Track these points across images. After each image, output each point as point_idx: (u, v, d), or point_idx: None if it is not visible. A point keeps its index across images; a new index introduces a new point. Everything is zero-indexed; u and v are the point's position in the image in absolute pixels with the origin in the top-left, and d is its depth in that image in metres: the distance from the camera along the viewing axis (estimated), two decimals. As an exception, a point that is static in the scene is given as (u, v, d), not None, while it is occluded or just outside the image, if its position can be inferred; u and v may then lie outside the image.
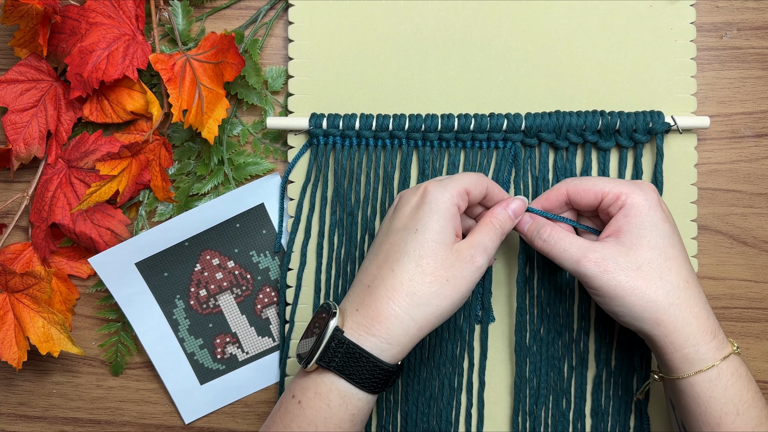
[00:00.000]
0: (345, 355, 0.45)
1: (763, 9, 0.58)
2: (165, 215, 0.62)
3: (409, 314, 0.45)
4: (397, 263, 0.46)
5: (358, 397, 0.46)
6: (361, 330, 0.45)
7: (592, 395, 0.58)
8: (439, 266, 0.46)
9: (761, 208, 0.59)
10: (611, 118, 0.55)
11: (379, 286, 0.46)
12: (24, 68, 0.59)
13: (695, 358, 0.45)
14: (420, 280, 0.45)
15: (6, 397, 0.65)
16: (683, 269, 0.47)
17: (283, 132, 0.60)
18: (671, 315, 0.45)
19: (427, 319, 0.46)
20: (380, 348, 0.45)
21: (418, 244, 0.46)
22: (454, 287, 0.46)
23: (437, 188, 0.48)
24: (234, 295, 0.62)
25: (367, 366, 0.45)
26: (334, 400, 0.45)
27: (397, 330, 0.45)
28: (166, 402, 0.64)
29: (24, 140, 0.59)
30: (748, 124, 0.58)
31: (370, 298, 0.46)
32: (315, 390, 0.46)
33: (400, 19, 0.58)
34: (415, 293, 0.45)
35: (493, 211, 0.50)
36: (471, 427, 0.58)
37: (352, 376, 0.45)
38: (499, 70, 0.58)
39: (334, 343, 0.45)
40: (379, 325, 0.45)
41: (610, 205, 0.48)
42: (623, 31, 0.57)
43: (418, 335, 0.46)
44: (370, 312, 0.45)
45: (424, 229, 0.46)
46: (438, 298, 0.45)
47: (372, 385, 0.45)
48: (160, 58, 0.56)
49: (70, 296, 0.63)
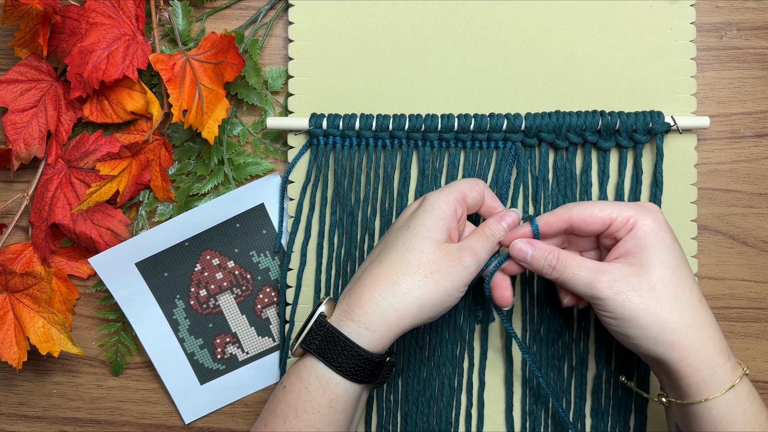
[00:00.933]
0: (324, 338, 0.46)
1: (763, 9, 0.58)
2: (165, 215, 0.62)
3: (388, 301, 0.46)
4: (386, 256, 0.48)
5: (335, 381, 0.46)
6: (343, 315, 0.47)
7: (592, 395, 0.58)
8: (424, 260, 0.47)
9: (761, 208, 0.59)
10: (611, 118, 0.55)
11: (366, 275, 0.48)
12: (24, 68, 0.59)
13: (712, 380, 0.44)
14: (404, 271, 0.46)
15: (6, 397, 0.65)
16: (695, 289, 0.46)
17: (283, 132, 0.60)
18: (687, 336, 0.44)
19: (407, 309, 0.46)
20: (358, 333, 0.46)
21: (408, 239, 0.48)
22: (437, 282, 0.46)
23: (436, 193, 0.49)
24: (234, 295, 0.62)
25: (345, 350, 0.46)
26: (313, 383, 0.47)
27: (376, 316, 0.46)
28: (166, 402, 0.64)
29: (24, 140, 0.59)
30: (748, 124, 0.58)
31: (356, 287, 0.48)
32: (297, 374, 0.48)
33: (400, 19, 0.58)
34: (397, 282, 0.46)
35: (487, 222, 0.51)
36: (471, 427, 0.58)
37: (329, 359, 0.46)
38: (499, 70, 0.58)
39: (316, 326, 0.47)
40: (359, 309, 0.46)
41: (619, 229, 0.47)
42: (623, 31, 0.57)
43: (398, 324, 0.46)
44: (353, 299, 0.47)
45: (416, 225, 0.48)
46: (419, 290, 0.46)
47: (350, 370, 0.46)
48: (160, 58, 0.56)
49: (70, 296, 0.63)
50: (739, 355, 0.59)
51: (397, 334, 0.47)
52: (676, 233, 0.57)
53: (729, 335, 0.59)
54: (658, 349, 0.45)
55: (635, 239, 0.46)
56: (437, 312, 0.47)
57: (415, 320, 0.47)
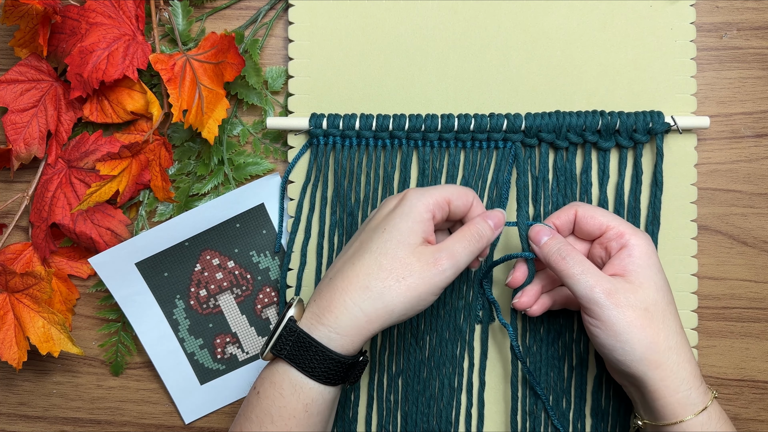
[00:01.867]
0: (295, 343, 0.46)
1: (763, 9, 0.58)
2: (165, 215, 0.62)
3: (359, 306, 0.46)
4: (359, 258, 0.47)
5: (309, 386, 0.46)
6: (313, 320, 0.47)
7: (592, 395, 0.58)
8: (396, 264, 0.46)
9: (761, 208, 0.59)
10: (611, 118, 0.55)
11: (337, 278, 0.47)
12: (24, 68, 0.59)
13: (687, 402, 0.46)
14: (375, 276, 0.46)
15: (6, 397, 0.65)
16: (677, 315, 0.48)
17: (283, 132, 0.60)
18: (669, 358, 0.46)
19: (377, 314, 0.46)
20: (328, 337, 0.46)
21: (382, 242, 0.47)
22: (409, 287, 0.46)
23: (416, 194, 0.48)
24: (234, 295, 0.62)
25: (316, 355, 0.46)
26: (287, 389, 0.46)
27: (346, 320, 0.46)
28: (166, 402, 0.64)
29: (24, 140, 0.59)
30: (748, 124, 0.58)
31: (326, 290, 0.47)
32: (270, 380, 0.47)
33: (400, 19, 0.58)
34: (368, 287, 0.46)
35: (473, 220, 0.50)
36: (471, 427, 0.59)
37: (301, 364, 0.46)
38: (499, 70, 0.58)
39: (286, 332, 0.47)
40: (329, 314, 0.46)
41: (612, 240, 0.49)
42: (623, 31, 0.57)
43: (368, 328, 0.46)
44: (324, 302, 0.47)
45: (392, 229, 0.47)
46: (390, 295, 0.46)
47: (323, 375, 0.46)
48: (160, 58, 0.56)
49: (70, 296, 0.63)
50: (740, 355, 0.59)
51: (369, 336, 0.47)
52: (676, 233, 0.57)
53: (729, 335, 0.59)
54: (640, 367, 0.46)
55: (631, 258, 0.47)
56: (409, 315, 0.47)
57: (385, 323, 0.47)
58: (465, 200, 0.50)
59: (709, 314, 0.59)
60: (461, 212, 0.50)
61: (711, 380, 0.59)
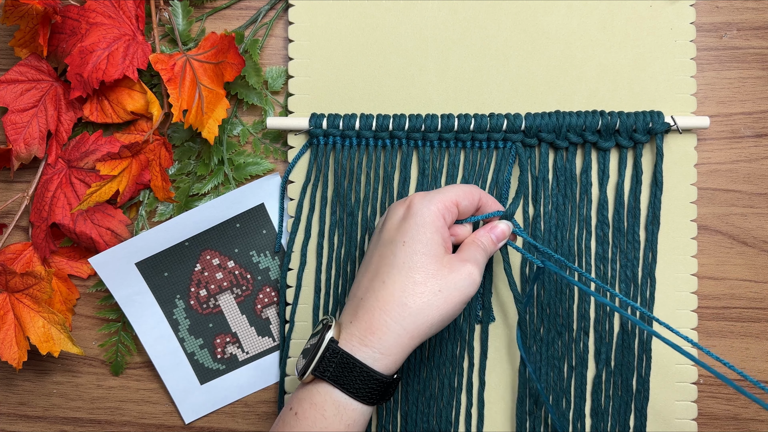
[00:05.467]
0: (339, 365, 0.45)
1: (763, 9, 0.58)
2: (165, 215, 0.62)
3: (400, 324, 0.45)
4: (388, 276, 0.47)
5: (352, 407, 0.46)
6: (355, 341, 0.46)
7: (592, 395, 0.58)
8: (430, 277, 0.46)
9: (761, 208, 0.59)
10: (611, 118, 0.55)
11: (371, 298, 0.46)
12: (24, 68, 0.59)
13: None
14: (411, 291, 0.46)
15: (6, 397, 0.65)
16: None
17: (283, 132, 0.60)
18: None
19: (419, 330, 0.46)
20: (373, 358, 0.45)
21: (407, 257, 0.46)
22: (446, 298, 0.46)
23: (422, 201, 0.48)
24: (234, 295, 0.62)
25: (360, 376, 0.45)
26: (329, 410, 0.46)
27: (390, 340, 0.45)
28: (166, 402, 0.64)
29: (24, 140, 0.59)
30: (748, 124, 0.58)
31: (362, 311, 0.46)
32: (310, 401, 0.46)
33: (400, 19, 0.58)
34: (407, 304, 0.45)
35: (477, 234, 0.51)
36: (471, 427, 0.59)
37: (346, 386, 0.45)
38: (499, 70, 0.58)
39: (328, 353, 0.46)
40: (372, 335, 0.45)
41: None
42: (623, 31, 0.57)
43: (410, 345, 0.46)
44: (364, 324, 0.46)
45: (412, 241, 0.47)
46: (429, 309, 0.46)
47: (366, 395, 0.46)
48: (160, 58, 0.56)
49: (70, 296, 0.63)
50: (739, 355, 0.59)
51: (409, 353, 0.47)
52: (676, 233, 0.57)
53: (729, 335, 0.59)
54: None
55: None
56: (445, 324, 0.47)
57: (426, 337, 0.47)
58: (472, 199, 0.50)
59: (709, 314, 0.59)
60: (470, 211, 0.50)
61: (711, 380, 0.59)
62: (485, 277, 0.57)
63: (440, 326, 0.47)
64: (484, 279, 0.57)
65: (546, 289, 0.57)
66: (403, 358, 0.46)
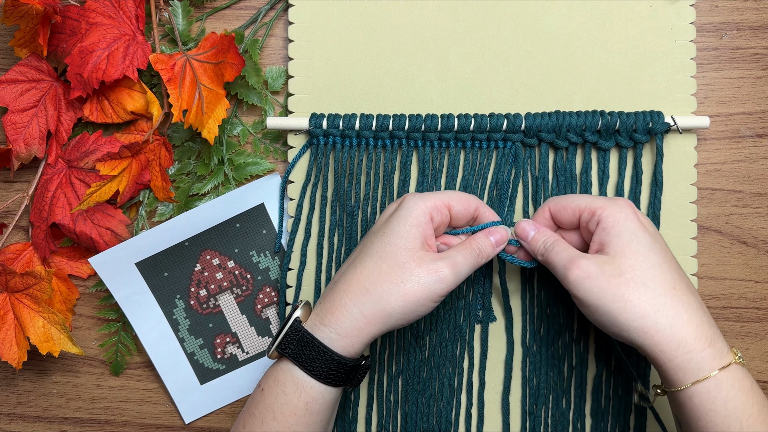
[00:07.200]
0: (299, 343, 0.48)
1: (763, 9, 0.58)
2: (165, 215, 0.62)
3: (358, 308, 0.47)
4: (360, 262, 0.49)
5: (310, 385, 0.47)
6: (317, 321, 0.48)
7: (592, 395, 0.58)
8: (396, 267, 0.47)
9: (761, 208, 0.59)
10: (611, 118, 0.55)
11: (341, 281, 0.49)
12: (24, 68, 0.59)
13: (689, 367, 0.43)
14: (376, 279, 0.47)
15: (6, 397, 0.65)
16: (668, 275, 0.45)
17: (283, 132, 0.60)
18: (657, 322, 0.44)
19: (376, 317, 0.47)
20: (330, 338, 0.47)
21: (382, 246, 0.48)
22: (407, 291, 0.47)
23: (414, 197, 0.49)
24: (234, 295, 0.62)
25: (318, 355, 0.47)
26: (289, 386, 0.48)
27: (346, 322, 0.47)
28: (166, 402, 0.64)
29: (24, 140, 0.59)
30: (748, 124, 0.58)
31: (330, 292, 0.49)
32: (274, 377, 0.49)
33: (400, 19, 0.58)
34: (368, 289, 0.47)
35: (475, 236, 0.51)
36: (471, 427, 0.58)
37: (304, 363, 0.47)
38: (499, 70, 0.58)
39: (291, 331, 0.48)
40: (331, 315, 0.47)
41: (588, 221, 0.49)
42: (623, 31, 0.57)
43: (368, 330, 0.47)
44: (327, 304, 0.48)
45: (391, 232, 0.48)
46: (389, 297, 0.47)
47: (324, 374, 0.47)
48: (160, 58, 0.56)
49: (70, 296, 0.63)
50: (739, 355, 0.59)
51: (369, 339, 0.48)
52: (676, 233, 0.57)
53: (729, 335, 0.59)
54: (631, 336, 0.45)
55: (604, 230, 0.47)
56: (407, 320, 0.48)
57: (384, 326, 0.47)
58: (466, 205, 0.50)
59: (709, 314, 0.59)
60: (464, 217, 0.51)
61: (711, 380, 0.59)
62: (485, 277, 0.57)
63: (402, 319, 0.47)
64: (483, 279, 0.57)
65: (546, 289, 0.57)
66: (361, 342, 0.48)
